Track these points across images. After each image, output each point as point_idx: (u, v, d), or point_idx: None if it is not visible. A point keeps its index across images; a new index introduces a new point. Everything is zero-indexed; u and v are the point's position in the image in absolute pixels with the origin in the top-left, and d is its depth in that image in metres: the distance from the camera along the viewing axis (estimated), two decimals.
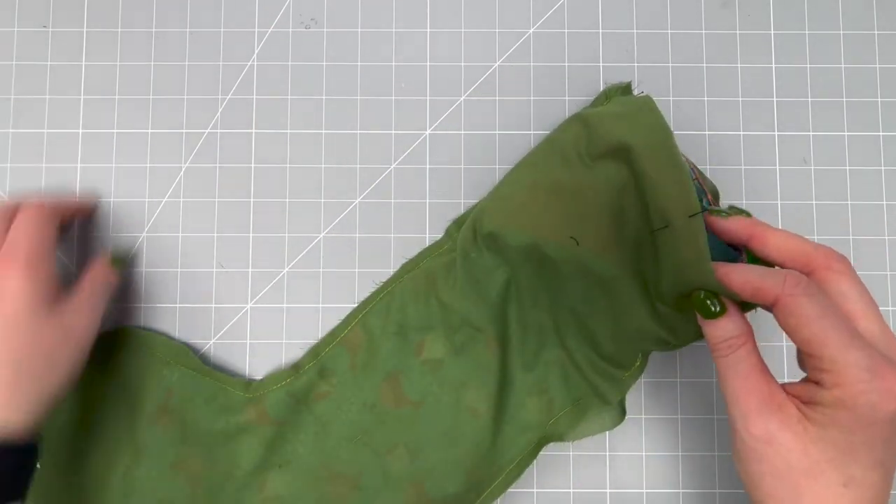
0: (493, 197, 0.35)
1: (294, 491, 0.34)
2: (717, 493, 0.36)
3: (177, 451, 0.34)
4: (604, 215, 0.29)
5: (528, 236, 0.31)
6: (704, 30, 0.38)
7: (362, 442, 0.34)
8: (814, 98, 0.38)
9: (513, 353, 0.34)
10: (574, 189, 0.30)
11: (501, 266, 0.33)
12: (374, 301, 0.36)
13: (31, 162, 0.37)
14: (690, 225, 0.25)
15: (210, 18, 0.38)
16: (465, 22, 0.38)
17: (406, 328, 0.35)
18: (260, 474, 0.34)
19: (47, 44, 0.38)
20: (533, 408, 0.34)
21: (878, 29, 0.38)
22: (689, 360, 0.37)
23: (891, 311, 0.37)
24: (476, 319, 0.34)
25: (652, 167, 0.27)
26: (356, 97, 0.38)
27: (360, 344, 0.35)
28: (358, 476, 0.34)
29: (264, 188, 0.37)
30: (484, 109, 0.38)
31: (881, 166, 0.37)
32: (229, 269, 0.37)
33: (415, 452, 0.34)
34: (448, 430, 0.34)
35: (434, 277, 0.35)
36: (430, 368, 0.34)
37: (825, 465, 0.23)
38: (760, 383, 0.24)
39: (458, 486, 0.33)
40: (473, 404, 0.34)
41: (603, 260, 0.29)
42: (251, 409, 0.35)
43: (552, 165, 0.32)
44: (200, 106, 0.38)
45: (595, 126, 0.31)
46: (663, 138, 0.28)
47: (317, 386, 0.35)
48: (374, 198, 0.37)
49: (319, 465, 0.34)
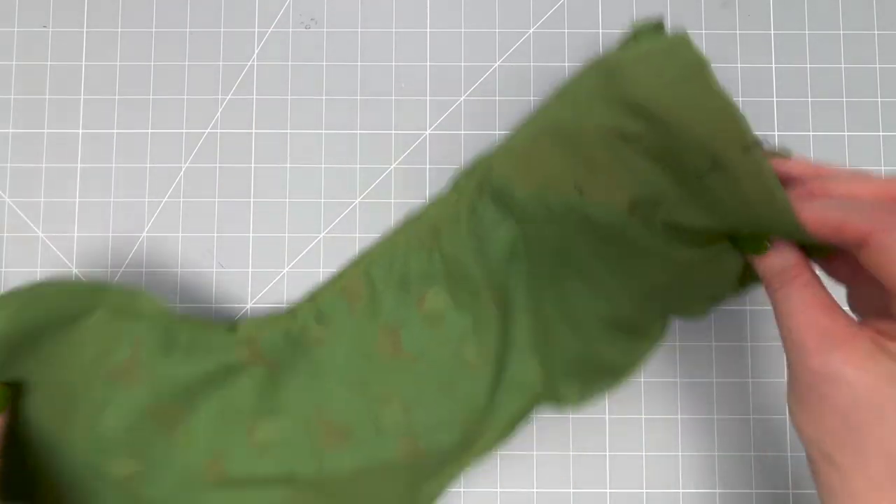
0: (501, 149, 0.34)
1: (285, 438, 0.33)
2: (716, 493, 0.36)
3: (149, 402, 0.32)
4: (615, 165, 0.27)
5: (533, 188, 0.30)
6: (704, 30, 0.38)
7: (357, 392, 0.33)
8: (814, 98, 0.38)
9: (515, 313, 0.33)
10: (581, 139, 0.28)
11: (507, 222, 0.33)
12: (378, 251, 0.35)
13: (31, 162, 0.37)
14: (749, 159, 0.22)
15: (210, 18, 0.38)
16: (465, 22, 0.38)
17: (408, 280, 0.34)
18: (250, 419, 0.33)
19: (47, 44, 0.38)
20: (532, 369, 0.33)
21: (878, 29, 0.38)
22: (689, 360, 0.37)
23: None
24: (479, 275, 0.33)
25: (688, 113, 0.23)
26: (356, 97, 0.38)
27: (361, 293, 0.34)
28: (351, 427, 0.33)
29: (264, 188, 0.37)
30: (484, 109, 0.38)
31: (881, 166, 0.37)
32: (229, 269, 0.37)
33: (409, 406, 0.33)
34: (445, 383, 0.33)
35: (438, 230, 0.34)
36: (430, 322, 0.34)
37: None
38: (821, 315, 0.22)
39: (452, 440, 0.33)
40: (472, 360, 0.33)
41: (613, 211, 0.27)
42: (244, 349, 0.33)
43: (562, 115, 0.30)
44: (200, 106, 0.38)
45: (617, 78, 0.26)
46: (697, 72, 0.23)
47: (313, 331, 0.34)
48: (374, 198, 0.37)
49: (313, 413, 0.33)
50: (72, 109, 0.38)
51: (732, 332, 0.37)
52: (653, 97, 0.24)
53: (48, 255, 0.37)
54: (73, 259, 0.37)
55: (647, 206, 0.26)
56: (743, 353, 0.37)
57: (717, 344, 0.37)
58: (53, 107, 0.38)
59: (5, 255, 0.37)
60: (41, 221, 0.37)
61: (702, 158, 0.23)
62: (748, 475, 0.36)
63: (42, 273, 0.37)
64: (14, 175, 0.37)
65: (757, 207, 0.23)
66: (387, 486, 0.33)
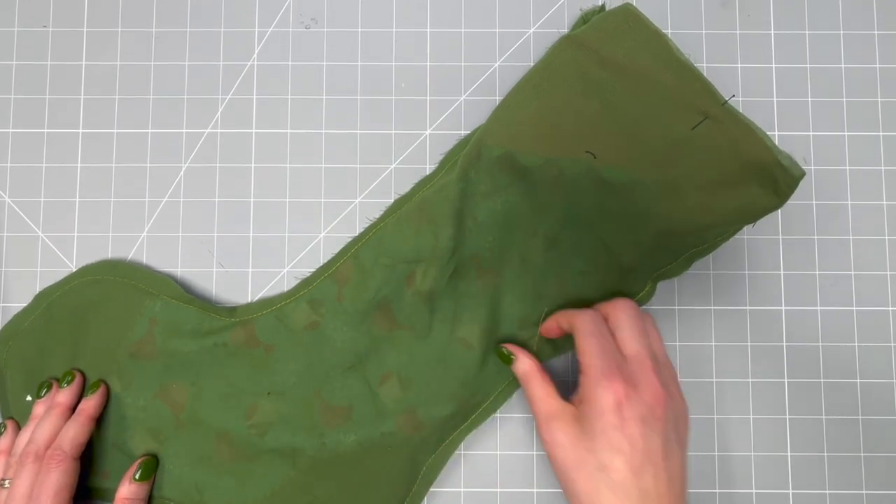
0: (497, 121, 0.34)
1: (283, 418, 0.34)
2: (717, 493, 0.36)
3: (161, 381, 0.35)
4: (615, 129, 0.31)
5: (542, 155, 0.32)
6: (704, 30, 0.38)
7: (355, 370, 0.35)
8: (814, 98, 0.38)
9: (505, 283, 0.35)
10: (581, 108, 0.31)
11: (500, 192, 0.34)
12: (367, 236, 0.36)
13: (31, 162, 0.37)
14: (727, 108, 0.30)
15: (210, 18, 0.38)
16: (465, 22, 0.38)
17: (397, 260, 0.35)
18: (249, 399, 0.35)
19: (47, 44, 0.38)
20: (523, 339, 0.35)
21: (878, 29, 0.38)
22: (688, 360, 0.37)
23: (891, 311, 0.37)
24: (468, 245, 0.34)
25: (665, 75, 0.30)
26: (356, 97, 0.38)
27: (350, 276, 0.35)
28: (349, 408, 0.35)
29: (264, 188, 0.37)
30: (484, 109, 0.38)
31: (881, 166, 0.37)
32: (229, 269, 0.37)
33: (407, 382, 0.35)
34: (440, 357, 0.35)
35: (425, 205, 0.35)
36: (421, 299, 0.34)
37: (585, 454, 0.29)
38: (546, 400, 0.31)
39: (448, 410, 0.34)
40: (465, 336, 0.35)
41: (622, 169, 0.31)
42: (240, 331, 0.35)
43: (555, 87, 0.32)
44: (200, 106, 0.38)
45: (594, 48, 0.32)
46: (663, 45, 0.31)
47: (307, 315, 0.35)
48: (374, 198, 0.37)
49: (312, 395, 0.35)
50: (72, 109, 0.38)
51: (733, 332, 0.37)
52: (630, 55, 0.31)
53: (48, 255, 0.37)
54: (73, 259, 0.37)
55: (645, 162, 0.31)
56: (743, 353, 0.37)
57: (716, 344, 0.37)
58: (53, 107, 0.38)
59: (5, 255, 0.37)
60: (41, 221, 0.37)
61: (693, 114, 0.30)
62: (747, 475, 0.36)
63: (42, 273, 0.37)
64: (14, 175, 0.37)
65: (742, 141, 0.29)
66: (388, 461, 0.34)
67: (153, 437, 0.34)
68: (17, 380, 0.35)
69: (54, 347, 0.35)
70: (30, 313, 0.36)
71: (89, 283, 0.36)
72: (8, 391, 0.35)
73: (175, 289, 0.36)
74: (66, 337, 0.35)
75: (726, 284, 0.37)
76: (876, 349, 0.36)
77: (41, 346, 0.35)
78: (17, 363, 0.35)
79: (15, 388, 0.35)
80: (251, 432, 0.34)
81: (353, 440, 0.34)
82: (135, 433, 0.35)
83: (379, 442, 0.34)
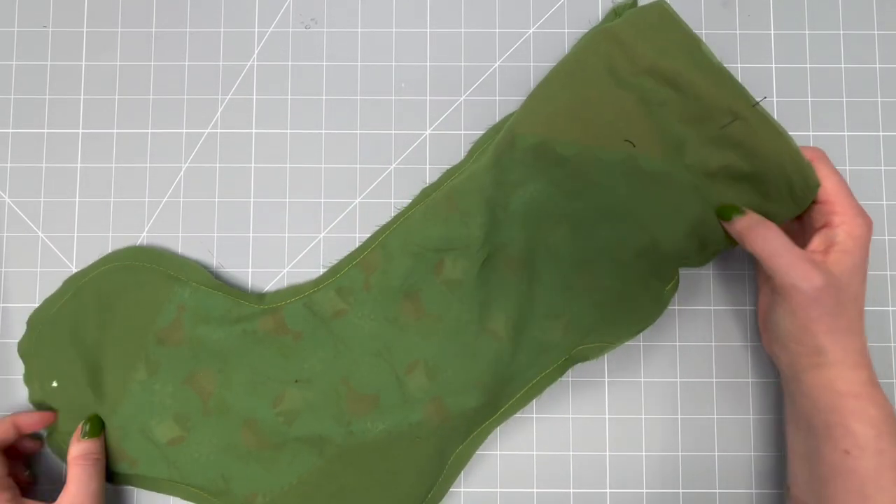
0: (530, 110, 0.35)
1: (311, 406, 0.34)
2: (716, 493, 0.36)
3: (189, 368, 0.35)
4: (647, 124, 0.33)
5: (579, 145, 0.33)
6: (704, 30, 0.38)
7: (382, 358, 0.34)
8: (814, 98, 0.38)
9: (534, 274, 0.34)
10: (616, 100, 0.33)
11: (532, 181, 0.34)
12: (395, 224, 0.36)
13: (31, 162, 0.37)
14: (758, 111, 0.32)
15: (210, 18, 0.38)
16: (465, 22, 0.38)
17: (425, 248, 0.34)
18: (277, 387, 0.35)
19: (47, 44, 0.38)
20: (554, 330, 0.34)
21: (878, 29, 0.38)
22: (688, 360, 0.37)
23: (890, 311, 0.37)
24: (498, 235, 0.34)
25: (696, 76, 0.32)
26: (356, 97, 0.38)
27: (377, 265, 0.35)
28: (376, 396, 0.34)
29: (264, 188, 0.37)
30: (484, 109, 0.38)
31: (881, 166, 0.37)
32: (229, 269, 0.37)
33: (434, 371, 0.34)
34: (468, 346, 0.34)
35: (454, 194, 0.35)
36: (449, 288, 0.34)
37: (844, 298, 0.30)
38: (789, 246, 0.31)
39: (477, 401, 0.34)
40: (493, 327, 0.34)
41: (656, 159, 0.33)
42: (269, 319, 0.35)
43: (589, 79, 0.34)
44: (200, 106, 0.38)
45: (628, 46, 0.33)
46: (696, 47, 0.33)
47: (334, 303, 0.35)
48: (374, 198, 0.37)
49: (339, 382, 0.35)
50: (72, 109, 0.38)
51: (733, 332, 0.37)
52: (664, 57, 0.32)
53: (48, 255, 0.37)
54: (73, 259, 0.37)
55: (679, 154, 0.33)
56: (743, 353, 0.37)
57: (716, 344, 0.37)
58: (53, 107, 0.38)
59: (5, 255, 0.37)
60: (41, 221, 0.37)
61: (723, 114, 0.32)
62: (747, 475, 0.36)
63: (42, 273, 0.37)
64: (14, 175, 0.37)
65: (769, 143, 0.31)
66: (416, 450, 0.34)
67: (180, 425, 0.34)
68: (45, 366, 0.35)
69: (82, 333, 0.35)
70: (58, 299, 0.36)
71: (118, 268, 0.36)
72: (35, 377, 0.35)
73: (204, 275, 0.36)
74: (94, 323, 0.35)
75: (726, 284, 0.37)
76: (876, 349, 0.36)
77: (70, 331, 0.35)
78: (46, 349, 0.35)
79: (42, 374, 0.35)
80: (278, 420, 0.34)
81: (381, 429, 0.34)
82: (161, 420, 0.34)
83: (407, 432, 0.34)
